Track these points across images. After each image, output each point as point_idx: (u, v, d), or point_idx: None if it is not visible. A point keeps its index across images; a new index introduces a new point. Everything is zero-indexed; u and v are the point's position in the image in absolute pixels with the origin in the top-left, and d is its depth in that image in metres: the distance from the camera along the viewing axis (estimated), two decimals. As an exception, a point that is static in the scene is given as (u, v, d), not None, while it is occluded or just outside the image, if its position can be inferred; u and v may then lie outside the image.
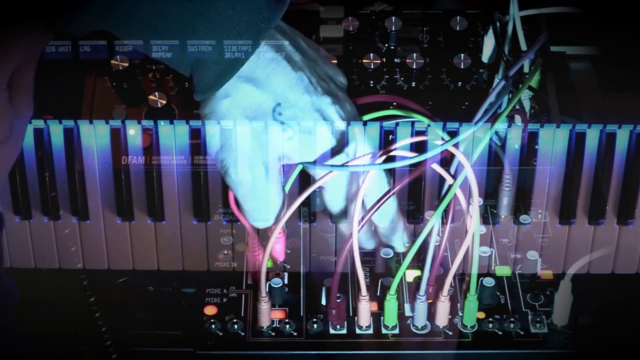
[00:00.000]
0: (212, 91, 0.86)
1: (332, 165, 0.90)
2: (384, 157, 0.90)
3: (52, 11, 0.79)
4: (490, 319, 0.96)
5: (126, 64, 1.05)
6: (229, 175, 0.89)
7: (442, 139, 0.90)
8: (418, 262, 0.96)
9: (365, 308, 0.95)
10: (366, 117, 0.93)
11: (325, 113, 0.89)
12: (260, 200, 0.90)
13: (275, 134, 0.88)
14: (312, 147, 0.89)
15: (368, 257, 0.99)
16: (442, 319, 0.96)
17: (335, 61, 1.03)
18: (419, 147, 0.91)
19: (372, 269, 0.99)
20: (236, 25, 0.83)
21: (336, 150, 0.90)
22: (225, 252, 1.00)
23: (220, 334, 0.96)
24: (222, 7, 0.82)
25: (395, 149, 0.90)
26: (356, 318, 0.96)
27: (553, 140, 0.94)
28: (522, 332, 0.96)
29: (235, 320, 0.96)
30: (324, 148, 0.90)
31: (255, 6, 0.83)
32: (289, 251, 0.99)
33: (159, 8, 0.82)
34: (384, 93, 1.04)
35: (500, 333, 0.96)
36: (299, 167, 0.92)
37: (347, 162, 0.90)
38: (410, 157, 0.89)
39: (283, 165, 0.91)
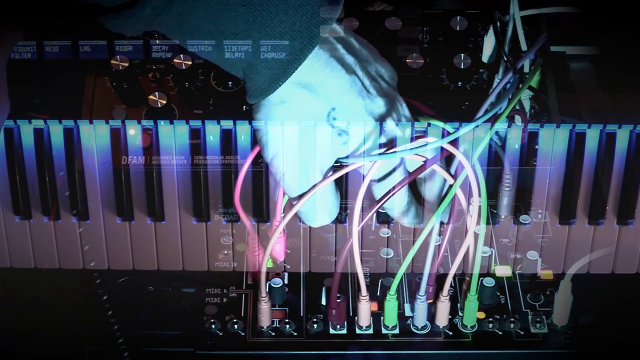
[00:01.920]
0: (265, 95, 0.86)
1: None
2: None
3: (23, 12, 0.80)
4: (490, 319, 0.96)
5: (126, 64, 1.05)
6: (285, 181, 0.89)
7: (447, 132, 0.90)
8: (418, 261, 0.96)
9: (365, 308, 0.95)
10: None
11: (377, 116, 0.88)
12: (317, 202, 0.90)
13: (331, 139, 0.88)
14: (364, 148, 0.89)
15: (368, 257, 0.99)
16: (442, 319, 0.96)
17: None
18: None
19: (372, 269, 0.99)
20: (289, 30, 0.82)
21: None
22: (225, 252, 1.00)
23: (220, 334, 0.96)
24: (275, 12, 0.82)
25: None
26: (356, 318, 0.96)
27: (553, 140, 0.94)
28: (522, 332, 0.96)
29: (235, 320, 0.96)
30: (376, 148, 0.90)
31: (308, 11, 0.83)
32: (289, 251, 0.99)
33: (212, 13, 0.82)
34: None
35: (500, 333, 0.96)
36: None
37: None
38: (410, 149, 0.89)
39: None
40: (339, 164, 0.91)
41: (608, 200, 0.97)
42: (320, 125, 0.88)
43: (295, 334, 0.96)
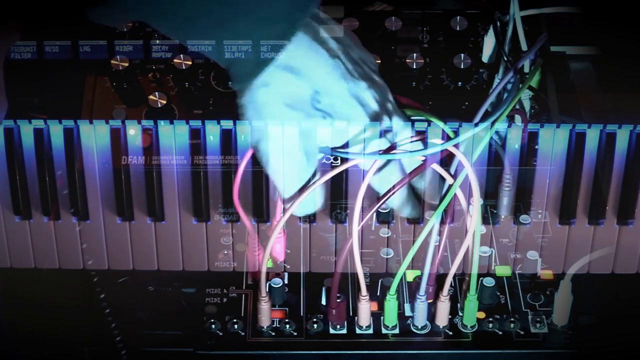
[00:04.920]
0: (249, 80, 0.86)
1: (338, 151, 0.90)
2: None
3: (26, 12, 0.80)
4: (490, 319, 0.96)
5: (126, 64, 1.05)
6: (271, 166, 0.89)
7: (447, 136, 0.90)
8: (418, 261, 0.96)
9: (365, 308, 0.95)
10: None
11: (361, 98, 0.89)
12: (302, 188, 0.90)
13: (315, 123, 0.88)
14: (349, 135, 0.90)
15: (368, 257, 0.99)
16: (442, 319, 0.96)
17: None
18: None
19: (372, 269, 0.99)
20: (272, 13, 0.83)
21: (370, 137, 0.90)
22: (225, 252, 1.00)
23: (220, 334, 0.96)
24: None
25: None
26: (356, 318, 0.96)
27: (553, 140, 0.94)
28: (522, 332, 0.96)
29: (235, 320, 0.96)
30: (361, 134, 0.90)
31: None
32: (289, 251, 0.99)
33: None
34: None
35: (500, 333, 0.96)
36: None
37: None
38: (413, 151, 0.89)
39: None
40: (336, 161, 0.91)
41: (608, 200, 0.97)
42: (305, 110, 0.88)
43: (295, 334, 0.96)
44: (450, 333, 0.96)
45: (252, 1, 0.82)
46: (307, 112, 0.88)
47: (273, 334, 0.96)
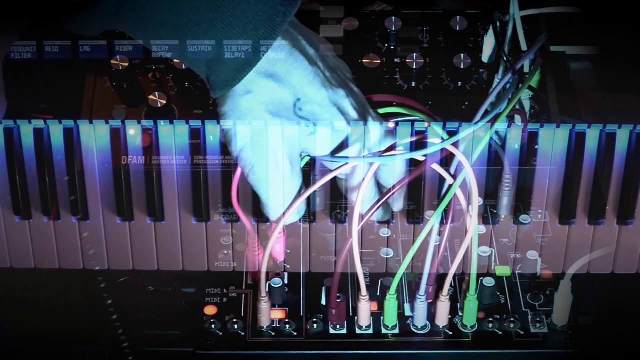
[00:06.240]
0: (230, 87, 0.86)
1: (337, 157, 0.90)
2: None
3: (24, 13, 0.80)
4: (490, 319, 0.96)
5: (126, 64, 1.05)
6: (255, 172, 0.89)
7: (442, 138, 0.90)
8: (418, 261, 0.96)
9: (365, 308, 0.95)
10: (381, 111, 0.94)
11: (341, 106, 0.89)
12: (285, 196, 0.90)
13: (298, 130, 0.88)
14: (331, 141, 0.90)
15: (368, 257, 0.99)
16: (442, 319, 0.96)
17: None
18: (420, 147, 0.91)
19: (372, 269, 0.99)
20: (252, 19, 0.83)
21: (353, 141, 0.90)
22: (225, 252, 1.00)
23: (220, 334, 0.96)
24: (238, 2, 0.82)
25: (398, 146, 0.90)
26: (356, 318, 0.96)
27: (553, 140, 0.94)
28: (522, 332, 0.96)
29: (235, 320, 0.96)
30: (343, 141, 0.90)
31: (270, 1, 0.83)
32: (289, 251, 0.99)
33: (175, 4, 0.82)
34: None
35: (500, 333, 0.96)
36: (304, 160, 0.92)
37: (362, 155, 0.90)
38: (411, 152, 0.89)
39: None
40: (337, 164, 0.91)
41: (608, 200, 0.97)
42: (287, 117, 0.88)
43: (295, 334, 0.96)
44: (450, 333, 0.96)
45: (231, 7, 0.82)
46: (290, 119, 0.88)
47: (273, 334, 0.96)
